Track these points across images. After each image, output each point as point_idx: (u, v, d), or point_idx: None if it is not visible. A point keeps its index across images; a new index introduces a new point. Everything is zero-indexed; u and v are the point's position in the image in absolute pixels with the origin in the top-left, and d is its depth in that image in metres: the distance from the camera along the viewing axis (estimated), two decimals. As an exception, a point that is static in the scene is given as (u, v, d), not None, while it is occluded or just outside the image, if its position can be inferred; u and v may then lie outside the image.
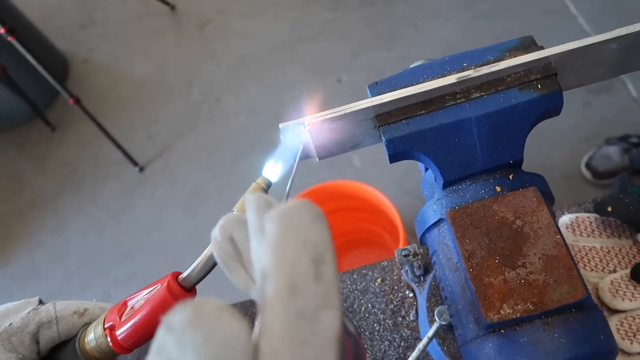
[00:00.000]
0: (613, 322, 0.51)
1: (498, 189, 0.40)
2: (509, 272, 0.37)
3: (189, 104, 2.05)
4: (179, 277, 0.36)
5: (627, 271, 0.53)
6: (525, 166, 0.42)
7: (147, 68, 2.19)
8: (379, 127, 0.41)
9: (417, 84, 0.41)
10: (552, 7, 1.90)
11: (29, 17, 2.09)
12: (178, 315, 0.19)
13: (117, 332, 0.36)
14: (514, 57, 0.41)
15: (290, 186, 0.37)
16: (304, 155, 0.44)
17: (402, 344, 0.57)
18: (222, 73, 2.09)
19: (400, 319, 0.58)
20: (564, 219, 0.59)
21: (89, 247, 1.82)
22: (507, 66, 0.39)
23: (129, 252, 1.77)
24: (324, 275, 0.21)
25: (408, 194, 1.59)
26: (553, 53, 0.39)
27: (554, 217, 0.40)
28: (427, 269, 0.58)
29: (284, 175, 0.40)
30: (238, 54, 2.12)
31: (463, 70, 0.41)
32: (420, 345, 0.48)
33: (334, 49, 2.04)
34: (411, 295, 0.59)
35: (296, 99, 1.93)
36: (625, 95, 1.66)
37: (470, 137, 0.40)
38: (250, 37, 2.16)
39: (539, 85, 0.40)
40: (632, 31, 0.39)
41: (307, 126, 0.40)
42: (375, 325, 0.58)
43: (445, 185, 0.42)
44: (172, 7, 2.30)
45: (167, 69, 2.17)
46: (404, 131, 0.40)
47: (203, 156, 1.91)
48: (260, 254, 0.22)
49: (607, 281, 0.53)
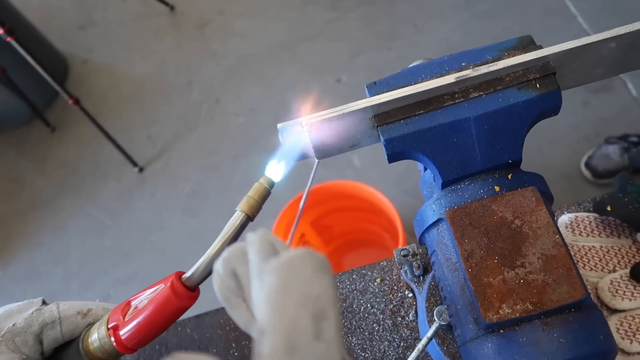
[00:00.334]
0: (613, 321, 0.51)
1: (497, 188, 0.40)
2: (508, 272, 0.37)
3: (188, 105, 2.05)
4: (183, 276, 0.36)
5: (627, 271, 0.53)
6: (525, 165, 0.42)
7: (147, 68, 2.19)
8: (377, 127, 0.41)
9: (415, 83, 0.41)
10: (551, 7, 1.90)
11: (28, 18, 2.09)
12: None
13: (121, 332, 0.36)
14: (512, 56, 0.40)
15: (303, 204, 0.37)
16: (302, 156, 0.44)
17: (402, 344, 0.57)
18: (221, 73, 2.09)
19: (399, 319, 0.58)
20: (564, 219, 0.59)
21: (89, 248, 1.82)
22: (506, 65, 0.39)
23: (129, 252, 1.77)
24: (325, 332, 0.20)
25: (407, 194, 1.59)
26: (552, 52, 0.39)
27: (553, 216, 0.40)
28: (426, 269, 0.58)
29: (286, 174, 0.40)
30: (238, 54, 2.12)
31: (461, 70, 0.41)
32: (419, 346, 0.48)
33: (334, 49, 2.04)
34: (410, 295, 0.59)
35: (296, 99, 1.92)
36: (625, 94, 1.66)
37: (469, 137, 0.40)
38: (250, 37, 2.16)
39: (537, 85, 0.40)
40: (631, 30, 0.39)
41: (305, 126, 0.40)
42: (374, 325, 0.58)
43: (444, 185, 0.42)
44: (171, 8, 2.30)
45: (166, 70, 2.17)
46: (403, 131, 0.40)
47: (203, 156, 1.91)
48: (259, 303, 0.21)
49: (606, 281, 0.53)
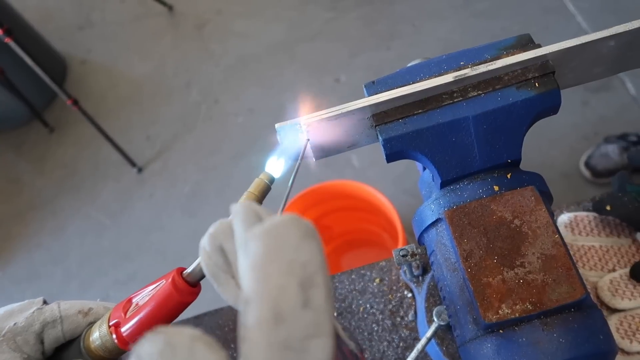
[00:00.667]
0: (612, 321, 0.51)
1: (496, 188, 0.40)
2: (507, 272, 0.37)
3: (187, 105, 2.04)
4: (184, 272, 0.36)
5: (627, 270, 0.53)
6: (524, 165, 0.41)
7: (146, 69, 2.19)
8: (375, 126, 0.41)
9: (414, 83, 0.41)
10: (550, 6, 1.90)
11: (26, 19, 2.09)
12: (148, 346, 0.17)
13: (123, 329, 0.35)
14: (511, 55, 0.40)
15: (289, 191, 0.37)
16: (301, 155, 0.44)
17: (401, 344, 0.56)
18: (220, 73, 2.09)
19: (398, 319, 0.58)
20: (563, 218, 0.59)
21: (88, 248, 1.82)
22: (504, 65, 0.39)
23: (128, 253, 1.77)
24: (314, 300, 0.19)
25: (407, 193, 1.59)
26: (550, 51, 0.39)
27: (553, 216, 0.40)
28: (425, 269, 0.57)
29: (286, 171, 0.40)
30: (236, 55, 2.12)
31: (460, 69, 0.41)
32: (419, 346, 0.48)
33: (332, 49, 2.04)
34: (410, 295, 0.59)
35: (295, 99, 1.92)
36: (624, 93, 1.66)
37: (468, 136, 0.40)
38: (249, 37, 2.16)
39: (536, 84, 0.39)
40: (630, 29, 0.38)
41: (304, 126, 0.40)
42: (373, 325, 0.58)
43: (443, 185, 0.42)
44: (169, 8, 2.30)
45: (165, 70, 2.17)
46: (401, 130, 0.40)
47: (202, 157, 1.90)
48: (245, 272, 0.20)
49: (606, 280, 0.52)
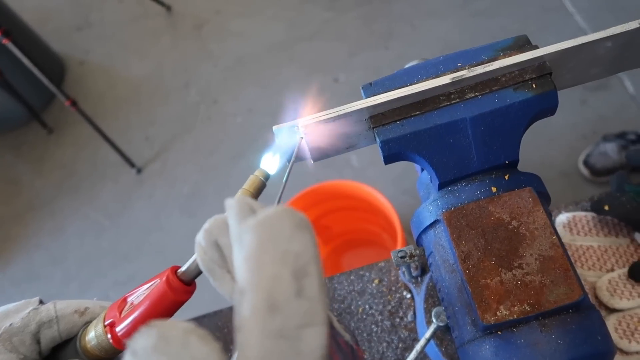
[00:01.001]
0: (611, 321, 0.51)
1: (494, 189, 0.40)
2: (505, 274, 0.37)
3: (186, 105, 2.04)
4: (178, 270, 0.35)
5: (625, 270, 0.53)
6: (523, 164, 0.41)
7: (144, 69, 2.18)
8: (373, 128, 0.41)
9: (411, 84, 0.41)
10: (549, 5, 1.90)
11: (24, 20, 2.08)
12: (142, 340, 0.17)
13: (117, 329, 0.35)
14: (508, 56, 0.40)
15: (283, 190, 0.37)
16: (298, 157, 0.44)
17: (400, 345, 0.56)
18: (219, 74, 2.09)
19: (398, 320, 0.58)
20: (561, 218, 0.59)
21: (87, 249, 1.82)
22: (502, 66, 0.39)
23: (127, 254, 1.77)
24: (307, 289, 0.19)
25: (406, 193, 1.59)
26: (547, 52, 0.39)
27: (550, 217, 0.40)
28: (424, 270, 0.57)
29: (281, 169, 0.40)
30: (235, 55, 2.12)
31: (457, 71, 0.41)
32: (418, 347, 0.48)
33: (331, 48, 2.04)
34: (409, 296, 0.59)
35: (293, 98, 1.92)
36: (622, 92, 1.66)
37: (465, 138, 0.40)
38: (247, 37, 2.16)
39: (533, 85, 0.39)
40: (627, 29, 0.38)
41: (301, 128, 0.40)
42: (372, 326, 0.58)
43: (441, 186, 0.42)
44: (168, 8, 2.30)
45: (163, 70, 2.16)
46: (399, 132, 0.40)
47: (201, 157, 1.90)
48: (239, 264, 0.20)
49: (604, 280, 0.52)
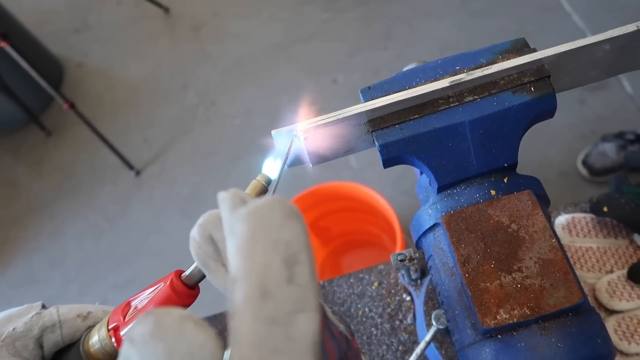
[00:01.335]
0: (611, 322, 0.51)
1: (493, 192, 0.40)
2: (505, 277, 0.37)
3: (184, 107, 2.04)
4: (182, 275, 0.35)
5: (624, 271, 0.53)
6: (522, 164, 0.41)
7: (142, 71, 2.18)
8: (372, 132, 0.41)
9: (409, 88, 0.41)
10: (546, 5, 1.90)
11: (22, 22, 2.08)
12: (139, 328, 0.18)
13: (122, 332, 0.35)
14: (506, 59, 0.40)
15: (277, 184, 0.37)
16: (297, 161, 0.44)
17: (400, 347, 0.56)
18: (217, 75, 2.08)
19: (397, 322, 0.58)
20: (560, 220, 0.59)
21: (86, 252, 1.82)
22: (500, 69, 0.39)
23: (126, 256, 1.77)
24: (298, 276, 0.20)
25: (405, 194, 1.59)
26: (546, 55, 0.39)
27: (550, 219, 0.40)
28: (423, 272, 0.57)
29: (283, 173, 0.40)
30: (233, 56, 2.12)
31: (456, 74, 0.41)
32: (418, 350, 0.48)
33: (330, 49, 2.04)
34: (408, 298, 0.59)
35: (292, 100, 1.92)
36: (621, 92, 1.66)
37: (464, 141, 0.40)
38: (245, 38, 2.16)
39: (532, 88, 0.39)
40: (625, 32, 0.39)
41: (300, 132, 0.40)
42: (372, 329, 0.58)
43: (440, 190, 0.42)
44: (166, 10, 2.30)
45: (162, 72, 2.16)
46: (398, 136, 0.40)
47: (199, 159, 1.90)
48: (232, 254, 0.21)
49: (604, 282, 0.52)
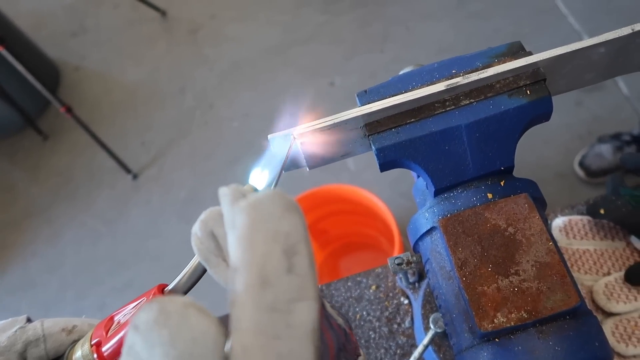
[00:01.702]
0: (608, 325, 0.51)
1: (490, 195, 0.40)
2: (502, 280, 0.37)
3: (182, 110, 2.04)
4: (165, 289, 0.35)
5: (621, 273, 0.53)
6: (519, 166, 0.41)
7: (140, 75, 2.18)
8: (368, 136, 0.41)
9: (406, 91, 0.41)
10: (542, 7, 1.90)
11: (19, 26, 2.08)
12: (143, 315, 0.18)
13: (104, 348, 0.35)
14: (502, 63, 0.40)
15: (278, 179, 0.37)
16: (294, 165, 0.44)
17: (398, 351, 0.56)
18: (214, 78, 2.09)
19: (395, 326, 0.58)
20: (557, 222, 0.59)
21: (84, 256, 1.81)
22: (496, 72, 0.39)
23: (124, 260, 1.76)
24: (297, 266, 0.20)
25: (403, 196, 1.59)
26: (541, 59, 0.39)
27: (547, 222, 0.40)
28: (421, 275, 0.57)
29: (271, 182, 0.40)
30: (230, 59, 2.12)
31: (452, 77, 0.41)
32: (416, 353, 0.48)
33: (327, 51, 2.04)
34: (406, 302, 0.59)
35: (289, 102, 1.93)
36: (617, 93, 1.66)
37: (461, 145, 0.40)
38: (243, 41, 2.16)
39: (528, 91, 0.39)
40: (620, 35, 0.39)
41: (296, 136, 0.40)
42: (370, 333, 0.58)
43: (437, 193, 0.42)
44: (163, 13, 2.30)
45: (159, 75, 2.16)
46: (394, 140, 0.40)
47: (197, 162, 1.90)
48: (232, 246, 0.22)
49: (601, 284, 0.53)
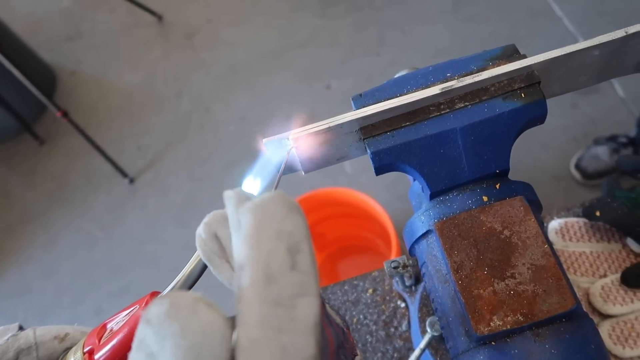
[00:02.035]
0: (605, 327, 0.51)
1: (485, 198, 0.40)
2: (498, 284, 0.36)
3: (178, 114, 2.04)
4: (158, 296, 0.35)
5: (618, 275, 0.53)
6: (515, 168, 0.41)
7: (136, 79, 2.18)
8: (363, 139, 0.41)
9: (401, 95, 0.41)
10: (537, 10, 1.91)
11: (14, 30, 2.08)
12: (155, 308, 0.19)
13: (96, 356, 0.35)
14: (496, 66, 0.40)
15: (278, 182, 0.37)
16: (290, 169, 0.44)
17: (395, 355, 0.56)
18: (211, 82, 2.08)
19: (392, 329, 0.58)
20: (553, 224, 0.59)
21: (80, 261, 1.80)
22: (490, 76, 0.39)
23: (121, 265, 1.76)
24: (300, 263, 0.21)
25: (400, 199, 1.59)
26: (535, 62, 0.39)
27: (542, 225, 0.40)
28: (418, 279, 0.57)
29: (269, 186, 0.40)
30: (227, 63, 2.12)
31: (446, 81, 0.41)
32: (412, 357, 0.48)
33: (323, 55, 2.04)
34: (403, 305, 0.59)
35: (286, 106, 1.93)
36: (612, 95, 1.67)
37: (456, 148, 0.40)
38: (239, 45, 2.16)
39: (522, 94, 0.40)
40: (613, 38, 0.39)
41: (291, 140, 0.40)
42: (367, 336, 0.58)
43: (432, 196, 0.42)
44: (159, 18, 2.30)
45: (156, 80, 2.16)
46: (389, 143, 0.40)
47: (194, 166, 1.90)
48: (238, 245, 0.22)
49: (597, 286, 0.53)
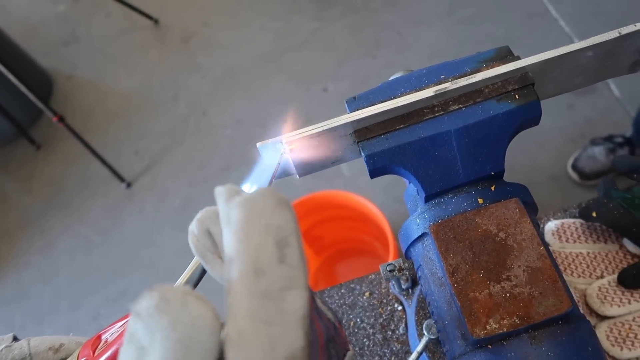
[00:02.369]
0: (602, 328, 0.51)
1: (480, 201, 0.40)
2: (493, 286, 0.36)
3: (175, 118, 2.03)
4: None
5: (615, 276, 0.53)
6: (512, 169, 0.41)
7: (132, 83, 2.18)
8: (358, 142, 0.40)
9: (395, 97, 0.41)
10: (533, 11, 1.92)
11: (10, 35, 2.07)
12: (145, 302, 0.19)
13: None
14: (490, 68, 0.40)
15: (272, 179, 0.37)
16: (284, 173, 0.43)
17: (393, 358, 0.56)
18: (207, 86, 2.08)
19: (389, 332, 0.57)
20: (550, 226, 0.59)
21: (77, 266, 1.80)
22: (484, 77, 0.39)
23: (118, 269, 1.75)
24: (289, 257, 0.21)
25: (397, 201, 1.59)
26: (529, 63, 0.39)
27: (538, 227, 0.40)
28: (414, 281, 0.57)
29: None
30: (223, 66, 2.12)
31: (440, 83, 0.41)
32: (410, 360, 0.48)
33: (319, 58, 2.04)
34: (400, 308, 0.59)
35: (283, 109, 1.93)
36: (609, 95, 1.67)
37: (450, 150, 0.40)
38: (235, 49, 2.16)
39: (516, 96, 0.39)
40: (607, 39, 0.39)
41: (285, 144, 0.40)
42: (364, 340, 0.57)
43: (427, 199, 0.42)
44: (155, 21, 2.30)
45: (152, 84, 2.16)
46: (384, 146, 0.40)
47: (191, 170, 1.89)
48: (228, 240, 0.23)
49: (594, 287, 0.52)
